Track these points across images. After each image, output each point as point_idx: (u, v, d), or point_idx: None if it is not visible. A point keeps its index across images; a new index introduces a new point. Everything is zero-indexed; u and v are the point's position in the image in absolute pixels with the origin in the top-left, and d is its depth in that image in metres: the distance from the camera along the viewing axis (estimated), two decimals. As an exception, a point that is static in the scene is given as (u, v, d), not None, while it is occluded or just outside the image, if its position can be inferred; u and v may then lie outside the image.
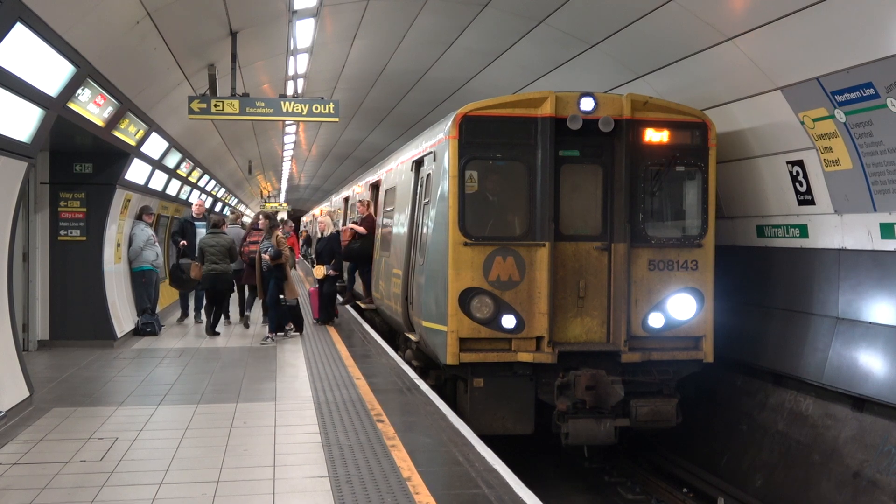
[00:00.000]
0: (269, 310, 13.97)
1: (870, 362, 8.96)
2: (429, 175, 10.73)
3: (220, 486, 6.00)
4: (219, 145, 22.52)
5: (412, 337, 11.38)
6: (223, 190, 30.64)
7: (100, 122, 10.74)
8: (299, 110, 12.86)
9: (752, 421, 10.52)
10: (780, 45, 8.79)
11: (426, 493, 5.81)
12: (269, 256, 13.37)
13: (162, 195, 17.68)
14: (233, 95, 12.74)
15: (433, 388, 10.07)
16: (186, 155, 18.34)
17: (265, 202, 50.83)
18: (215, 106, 12.40)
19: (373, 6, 12.61)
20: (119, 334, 13.17)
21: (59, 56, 8.22)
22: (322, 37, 14.12)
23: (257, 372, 10.70)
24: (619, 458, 11.01)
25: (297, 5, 11.77)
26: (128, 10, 9.16)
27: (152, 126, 13.57)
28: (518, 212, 9.77)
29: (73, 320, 12.71)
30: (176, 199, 19.87)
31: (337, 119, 13.33)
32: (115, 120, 11.31)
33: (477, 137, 9.61)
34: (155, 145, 14.67)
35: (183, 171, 19.11)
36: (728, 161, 10.68)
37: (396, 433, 7.48)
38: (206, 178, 23.86)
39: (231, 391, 9.49)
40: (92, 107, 10.09)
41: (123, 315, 13.92)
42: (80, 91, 9.35)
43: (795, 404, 9.94)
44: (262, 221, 14.47)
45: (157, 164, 15.75)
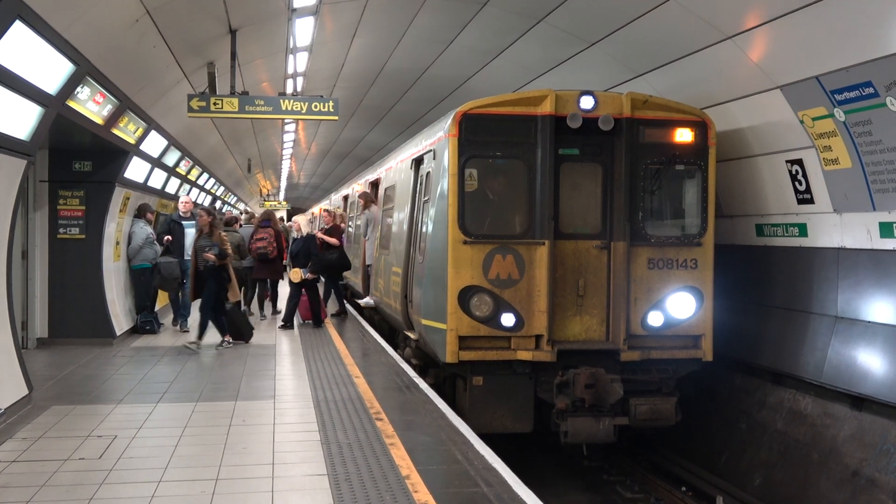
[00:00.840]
0: (204, 314, 12.64)
1: (869, 361, 8.96)
2: (428, 173, 10.73)
3: (219, 484, 6.00)
4: (218, 143, 22.52)
5: (411, 335, 11.38)
6: (222, 188, 30.63)
7: (99, 120, 10.73)
8: (298, 108, 12.86)
9: (751, 419, 10.52)
10: (780, 43, 8.79)
11: (425, 492, 5.81)
12: (213, 255, 12.31)
13: (161, 193, 17.68)
14: (232, 94, 12.74)
15: (432, 386, 10.08)
16: (185, 153, 18.33)
17: (264, 200, 50.84)
18: (214, 104, 12.40)
19: (372, 4, 12.60)
20: (118, 332, 13.18)
21: (59, 54, 8.21)
22: (321, 35, 14.11)
23: (256, 370, 10.70)
24: (619, 456, 11.01)
25: (296, 3, 11.77)
26: (127, 7, 9.16)
27: (151, 124, 13.56)
28: (518, 210, 9.77)
29: (72, 318, 12.72)
30: (175, 197, 19.85)
31: (336, 117, 13.33)
32: (114, 118, 11.31)
33: (477, 136, 9.61)
34: (154, 143, 14.67)
35: (182, 169, 19.10)
36: (727, 160, 10.68)
37: (395, 431, 7.48)
38: (205, 176, 23.86)
39: (230, 389, 9.49)
40: (91, 105, 10.09)
41: (122, 313, 13.93)
42: (79, 89, 9.35)
43: (794, 403, 9.94)
44: (203, 217, 12.78)
45: (157, 163, 15.74)
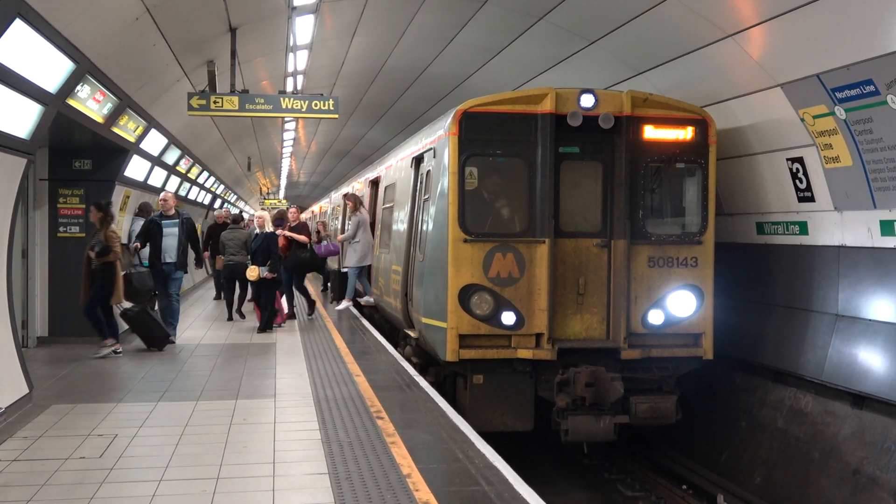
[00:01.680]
0: (90, 314, 11.43)
1: (869, 359, 8.96)
2: (428, 171, 10.72)
3: (220, 483, 5.99)
4: (218, 142, 22.51)
5: (412, 333, 11.38)
6: (222, 186, 30.62)
7: (99, 119, 10.73)
8: (299, 107, 12.86)
9: (751, 418, 10.52)
10: (781, 41, 8.78)
11: (426, 490, 5.80)
12: (94, 253, 11.15)
13: (161, 192, 17.65)
14: (232, 92, 12.74)
15: (433, 384, 10.07)
16: (186, 151, 18.33)
17: (264, 199, 50.83)
18: (214, 102, 12.40)
19: (372, 2, 12.60)
20: (119, 331, 13.14)
21: (59, 52, 8.21)
22: (321, 33, 14.11)
23: (257, 368, 10.69)
24: (619, 454, 11.01)
25: (296, 1, 11.77)
26: (127, 6, 9.15)
27: (151, 122, 13.56)
28: (518, 208, 9.77)
29: (72, 317, 12.67)
30: (175, 195, 19.84)
31: (336, 116, 13.33)
32: (114, 116, 11.30)
33: (477, 134, 9.60)
34: (154, 142, 14.67)
35: (182, 167, 19.11)
36: (728, 158, 10.68)
37: (396, 430, 7.47)
38: (205, 174, 23.85)
39: (230, 388, 9.48)
40: (91, 103, 10.08)
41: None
42: (79, 87, 9.34)
43: (795, 401, 9.94)
44: (93, 212, 11.45)
45: (157, 161, 15.75)
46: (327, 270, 19.05)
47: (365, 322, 15.72)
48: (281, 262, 14.84)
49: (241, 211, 41.30)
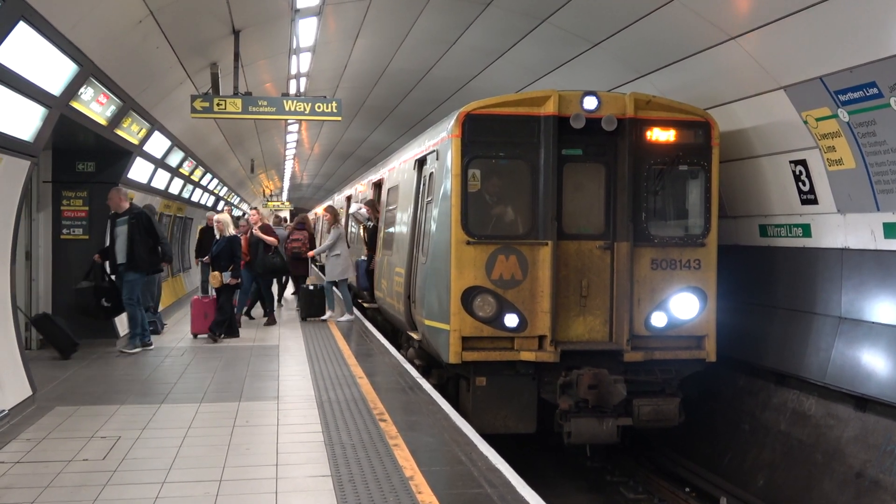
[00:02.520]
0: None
1: (873, 362, 8.94)
2: (431, 174, 10.73)
3: (223, 485, 6.00)
4: (221, 144, 22.54)
5: (414, 335, 11.38)
6: (225, 189, 30.66)
7: (102, 121, 10.74)
8: (302, 109, 12.88)
9: (754, 420, 10.51)
10: (784, 44, 8.77)
11: (429, 493, 5.80)
12: None
13: (164, 194, 17.70)
14: (235, 94, 12.76)
15: (435, 387, 10.07)
16: (189, 154, 18.35)
17: (267, 201, 50.85)
18: (218, 105, 12.41)
19: (375, 5, 12.61)
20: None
21: (62, 55, 8.23)
22: (325, 35, 14.12)
23: (259, 371, 10.70)
24: (622, 457, 11.00)
25: (299, 4, 11.77)
26: (130, 8, 9.17)
27: (155, 125, 13.58)
28: (521, 210, 9.77)
29: (75, 319, 12.70)
30: (178, 197, 19.88)
31: (339, 118, 13.35)
32: (117, 118, 11.32)
33: (480, 136, 9.61)
34: (157, 144, 14.69)
35: (185, 169, 19.13)
36: (731, 160, 10.67)
37: (399, 432, 7.48)
38: (208, 176, 23.88)
39: (233, 390, 9.49)
40: (95, 105, 10.10)
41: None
42: (82, 90, 9.36)
43: (798, 404, 9.93)
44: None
45: (160, 163, 15.76)
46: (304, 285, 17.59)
47: (368, 324, 15.73)
48: (243, 267, 14.34)
49: (244, 213, 41.32)
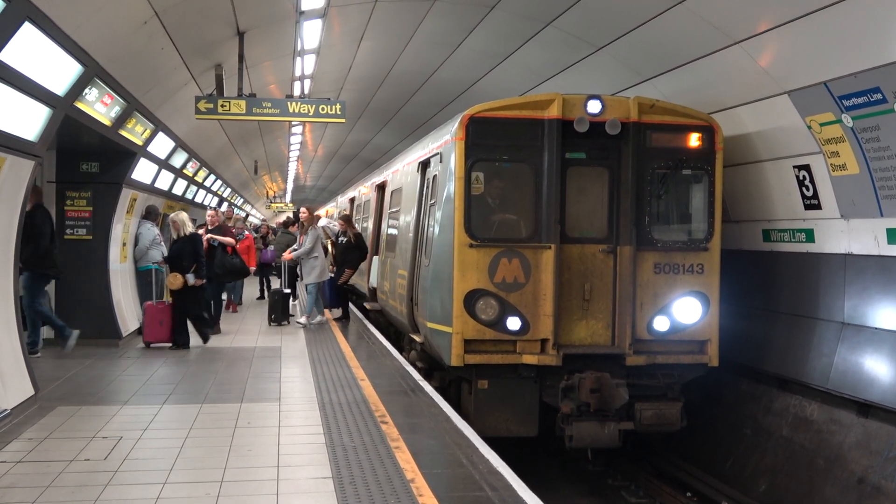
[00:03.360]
0: None
1: (875, 368, 8.93)
2: (435, 176, 10.73)
3: (224, 487, 6.00)
4: (225, 145, 22.56)
5: (417, 338, 11.38)
6: (229, 190, 30.69)
7: (107, 122, 10.76)
8: (306, 111, 12.88)
9: (756, 425, 10.49)
10: (788, 49, 8.77)
11: (430, 496, 5.80)
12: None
13: (168, 195, 17.71)
14: (239, 96, 12.78)
15: (437, 389, 10.07)
16: (192, 155, 18.37)
17: (270, 202, 50.90)
18: (222, 106, 12.42)
19: (380, 7, 12.62)
20: (124, 333, 13.20)
21: (67, 55, 8.24)
22: (329, 37, 14.14)
23: (261, 372, 10.71)
24: (623, 461, 10.98)
25: (304, 6, 11.79)
26: (135, 9, 9.19)
27: (159, 125, 13.59)
28: (524, 214, 9.77)
29: (78, 319, 12.72)
30: (182, 198, 19.90)
31: (343, 120, 13.35)
32: (121, 119, 11.34)
33: (483, 139, 9.61)
34: (161, 145, 14.71)
35: (189, 170, 19.15)
36: (735, 165, 10.66)
37: (400, 435, 7.48)
38: (212, 177, 23.91)
39: (235, 391, 9.49)
40: (99, 106, 10.12)
41: (128, 314, 13.95)
42: (87, 90, 9.37)
43: (800, 409, 9.91)
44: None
45: (164, 164, 15.78)
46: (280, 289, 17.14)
47: (370, 326, 15.73)
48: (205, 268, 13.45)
49: (247, 214, 41.38)
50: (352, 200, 24.08)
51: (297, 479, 6.20)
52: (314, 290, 15.73)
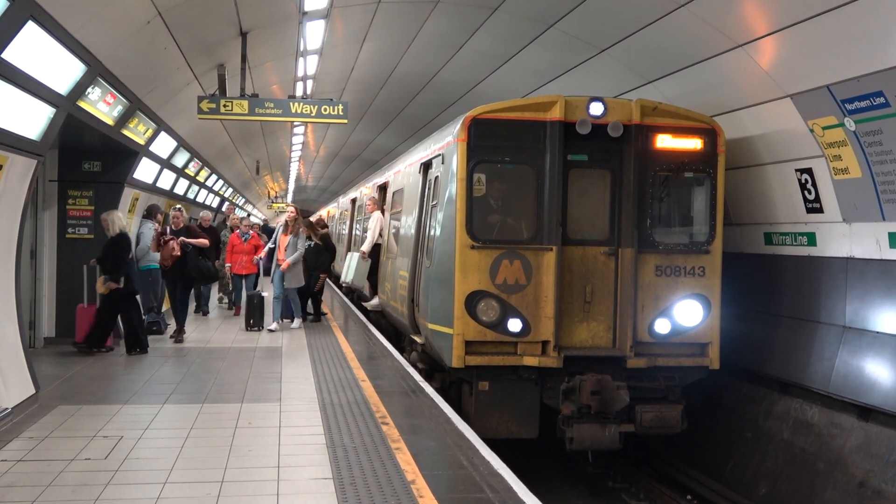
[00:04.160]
0: None
1: (877, 372, 8.92)
2: (437, 178, 10.73)
3: (225, 487, 6.00)
4: (227, 145, 22.58)
5: (418, 339, 11.38)
6: (230, 190, 30.70)
7: (109, 121, 10.77)
8: (308, 111, 12.88)
9: (757, 428, 10.48)
10: (791, 52, 8.77)
11: (430, 497, 5.80)
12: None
13: (170, 194, 17.72)
14: (242, 96, 12.77)
15: (438, 391, 10.07)
16: (195, 154, 18.38)
17: (272, 202, 50.92)
18: (224, 106, 12.42)
19: (383, 8, 12.63)
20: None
21: (70, 54, 8.25)
22: (332, 38, 14.14)
23: (262, 372, 10.70)
24: (624, 463, 10.98)
25: (307, 7, 11.80)
26: (139, 9, 9.19)
27: (161, 125, 13.60)
28: (525, 215, 9.77)
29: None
30: (184, 198, 19.91)
31: (346, 121, 13.34)
32: (124, 119, 11.34)
33: (485, 140, 9.61)
34: (163, 144, 14.72)
35: (191, 170, 19.16)
36: (737, 168, 10.66)
37: (401, 436, 7.47)
38: (213, 177, 23.92)
39: (236, 391, 9.49)
40: (102, 105, 10.12)
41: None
42: (90, 89, 9.38)
43: (801, 412, 9.90)
44: None
45: (166, 164, 15.79)
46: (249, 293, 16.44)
47: (371, 327, 15.73)
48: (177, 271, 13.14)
49: (248, 214, 41.40)
50: (353, 201, 24.07)
51: (297, 480, 6.20)
52: (296, 296, 15.35)
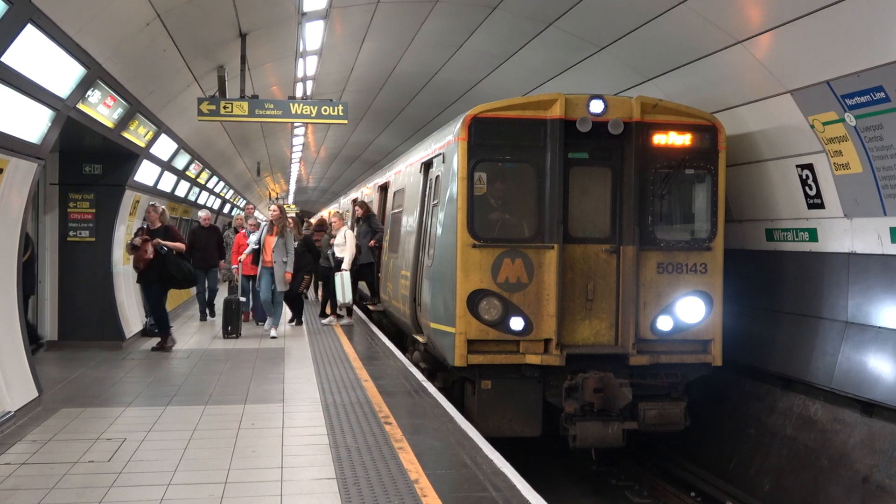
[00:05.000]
0: None
1: (879, 367, 8.91)
2: (438, 177, 10.73)
3: (228, 488, 6.00)
4: (227, 147, 22.58)
5: (420, 339, 11.38)
6: (231, 191, 30.71)
7: (109, 124, 10.77)
8: (308, 112, 12.87)
9: (760, 425, 10.48)
10: (791, 48, 8.76)
11: (434, 496, 5.80)
12: None
13: (171, 196, 17.73)
14: (242, 97, 12.77)
15: (441, 390, 10.07)
16: (195, 156, 18.39)
17: (273, 203, 50.87)
18: (224, 108, 12.42)
19: (382, 8, 12.62)
20: (127, 335, 13.20)
21: (70, 57, 8.24)
22: (331, 39, 14.14)
23: (265, 373, 10.71)
24: (627, 461, 10.98)
25: (306, 7, 11.80)
26: (138, 11, 9.19)
27: (161, 127, 13.60)
28: (527, 214, 9.77)
29: (81, 321, 12.74)
30: (184, 200, 19.92)
31: (346, 121, 13.33)
32: (124, 121, 11.34)
33: (486, 139, 9.61)
34: (164, 147, 14.72)
35: (192, 172, 19.16)
36: (737, 164, 10.66)
37: (404, 435, 7.48)
38: (214, 179, 23.93)
39: (239, 392, 9.50)
40: (102, 108, 10.13)
41: (132, 316, 13.95)
42: (89, 92, 9.38)
43: (804, 409, 9.90)
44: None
45: (166, 166, 15.79)
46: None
47: (373, 327, 15.73)
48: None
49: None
50: (354, 202, 24.07)
51: (300, 480, 6.20)
52: (282, 300, 14.82)
